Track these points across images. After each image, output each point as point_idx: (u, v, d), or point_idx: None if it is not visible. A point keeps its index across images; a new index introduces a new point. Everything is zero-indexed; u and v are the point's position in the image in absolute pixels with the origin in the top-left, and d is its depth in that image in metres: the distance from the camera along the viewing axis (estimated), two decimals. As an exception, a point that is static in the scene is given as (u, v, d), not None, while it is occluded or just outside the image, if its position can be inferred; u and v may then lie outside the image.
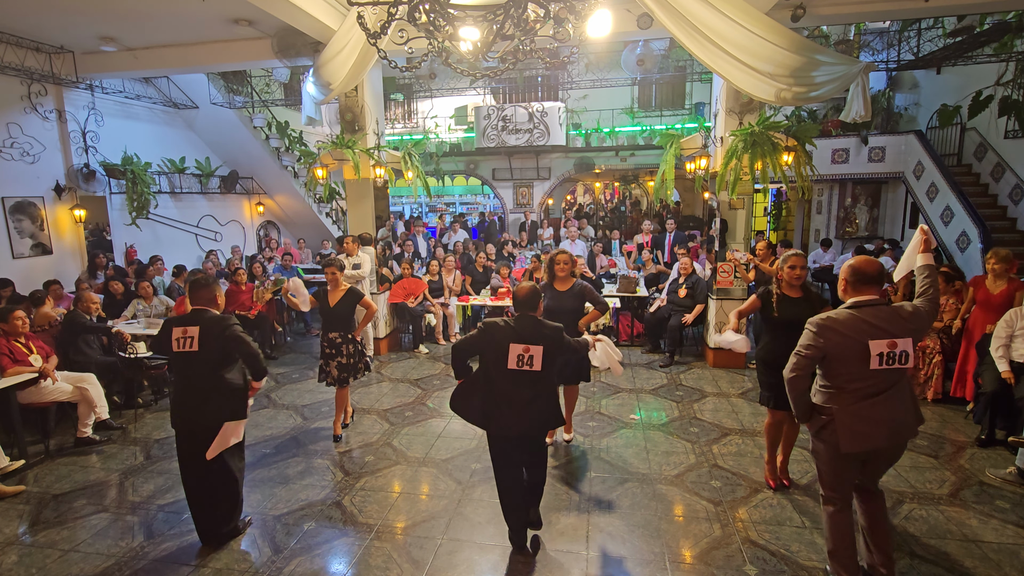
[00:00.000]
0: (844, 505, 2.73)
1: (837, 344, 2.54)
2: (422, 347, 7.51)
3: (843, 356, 2.55)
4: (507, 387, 3.04)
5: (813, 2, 5.76)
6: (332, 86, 6.12)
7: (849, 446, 2.56)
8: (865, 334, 2.51)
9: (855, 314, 2.57)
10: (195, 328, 3.19)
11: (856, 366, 2.54)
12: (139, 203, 8.71)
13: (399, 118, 15.13)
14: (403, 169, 7.33)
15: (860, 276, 2.62)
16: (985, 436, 4.42)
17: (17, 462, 4.34)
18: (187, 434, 3.29)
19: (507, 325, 3.06)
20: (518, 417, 3.03)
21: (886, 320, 2.53)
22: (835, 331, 2.54)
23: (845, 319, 2.56)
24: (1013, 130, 8.48)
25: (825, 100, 9.04)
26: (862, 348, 2.51)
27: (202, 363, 3.22)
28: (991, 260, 4.87)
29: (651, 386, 5.96)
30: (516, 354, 2.97)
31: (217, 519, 3.34)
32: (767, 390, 3.69)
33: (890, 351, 2.49)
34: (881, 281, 2.64)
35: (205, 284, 3.31)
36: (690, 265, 6.87)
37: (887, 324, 2.52)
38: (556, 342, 3.03)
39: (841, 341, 2.53)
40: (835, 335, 2.54)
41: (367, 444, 4.70)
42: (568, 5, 2.76)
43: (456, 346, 3.19)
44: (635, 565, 3.11)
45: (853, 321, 2.54)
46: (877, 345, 2.49)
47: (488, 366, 3.10)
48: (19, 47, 7.12)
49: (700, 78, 12.86)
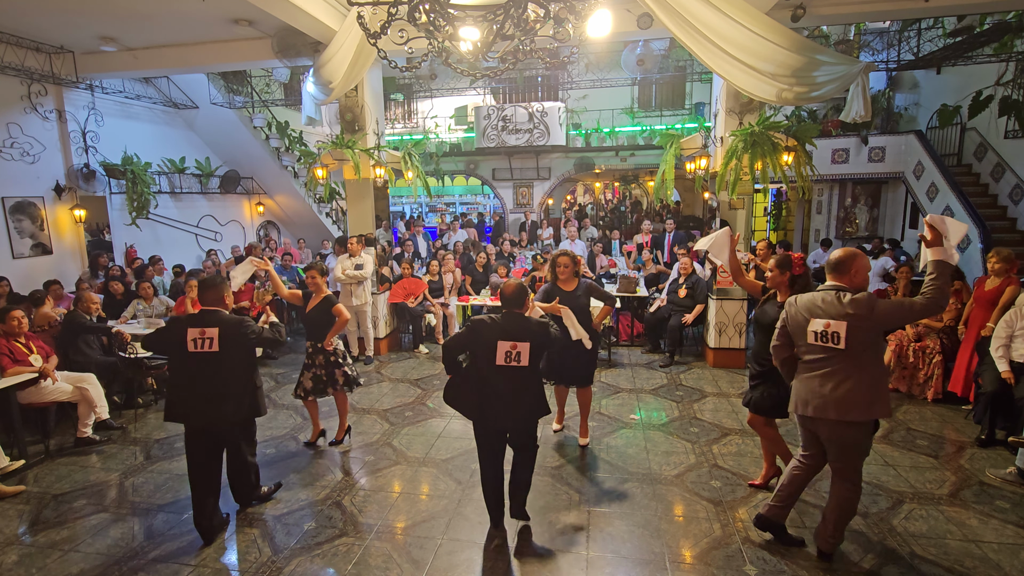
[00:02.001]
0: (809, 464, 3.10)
1: (792, 317, 2.99)
2: (422, 347, 7.51)
3: (794, 330, 2.98)
4: (496, 382, 3.13)
5: (813, 2, 5.75)
6: (332, 85, 6.12)
7: (794, 407, 3.00)
8: (811, 312, 2.88)
9: (812, 294, 2.96)
10: (214, 330, 3.20)
11: (803, 341, 2.93)
12: (139, 203, 8.71)
13: (399, 118, 15.13)
14: (403, 169, 7.33)
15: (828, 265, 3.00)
16: (985, 436, 4.42)
17: (17, 462, 4.34)
18: (198, 431, 3.33)
19: (494, 322, 3.13)
20: (508, 410, 3.15)
21: (829, 304, 2.84)
22: (792, 306, 3.00)
23: (804, 298, 2.98)
24: (1013, 130, 8.48)
25: (825, 100, 9.05)
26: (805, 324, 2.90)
27: (224, 365, 3.26)
28: (992, 259, 4.89)
29: (651, 386, 5.95)
30: (504, 351, 3.07)
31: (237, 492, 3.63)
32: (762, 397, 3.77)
33: (824, 331, 2.81)
34: (846, 271, 2.89)
35: (213, 284, 3.33)
36: (690, 265, 6.87)
37: (828, 307, 2.83)
38: (542, 337, 3.13)
39: (794, 315, 2.97)
40: (792, 309, 3.00)
41: (367, 444, 4.70)
42: (568, 5, 2.76)
43: (446, 344, 3.26)
44: (635, 565, 3.11)
45: (808, 300, 2.94)
46: (815, 323, 2.85)
47: (478, 362, 3.17)
48: (19, 47, 7.12)
49: (700, 78, 12.86)
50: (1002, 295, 4.73)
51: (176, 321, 3.34)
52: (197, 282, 3.31)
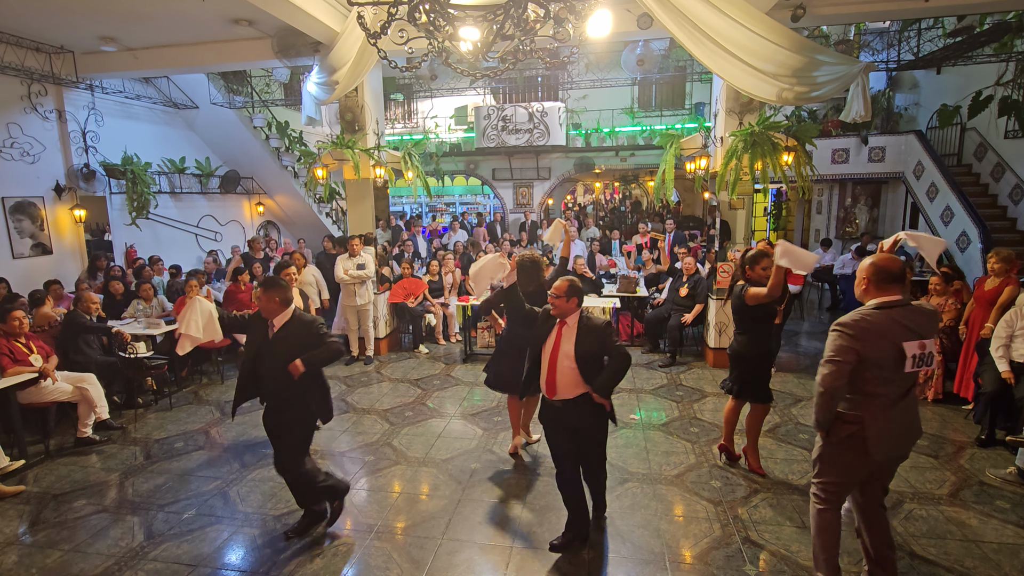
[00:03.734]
0: (837, 506, 2.69)
1: (875, 347, 2.37)
2: (422, 347, 7.51)
3: (879, 360, 2.39)
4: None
5: (813, 2, 5.75)
6: (337, 76, 6.11)
7: (880, 452, 2.46)
8: (900, 336, 2.37)
9: (888, 314, 2.41)
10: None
11: (890, 370, 2.40)
12: (139, 203, 8.70)
13: (399, 118, 15.13)
14: (403, 169, 7.33)
15: (885, 274, 2.45)
16: (985, 436, 4.42)
17: (17, 462, 4.35)
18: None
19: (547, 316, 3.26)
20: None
21: (915, 321, 2.41)
22: (873, 332, 2.38)
23: (881, 320, 2.39)
24: (1013, 130, 8.48)
25: (826, 100, 9.04)
26: (898, 351, 2.37)
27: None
28: (992, 259, 4.90)
29: (651, 386, 5.95)
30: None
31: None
32: (735, 382, 4.01)
33: (921, 352, 2.39)
34: (904, 279, 2.50)
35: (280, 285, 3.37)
36: (693, 265, 6.87)
37: (916, 325, 2.41)
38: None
39: (878, 343, 2.37)
40: (874, 336, 2.37)
41: (367, 444, 4.70)
42: (568, 5, 2.76)
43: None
44: (635, 565, 3.11)
45: (888, 322, 2.39)
46: (911, 347, 2.36)
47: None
48: (19, 47, 7.12)
49: (700, 78, 12.85)
50: (999, 294, 4.74)
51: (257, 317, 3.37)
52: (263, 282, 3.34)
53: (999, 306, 4.68)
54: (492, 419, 5.15)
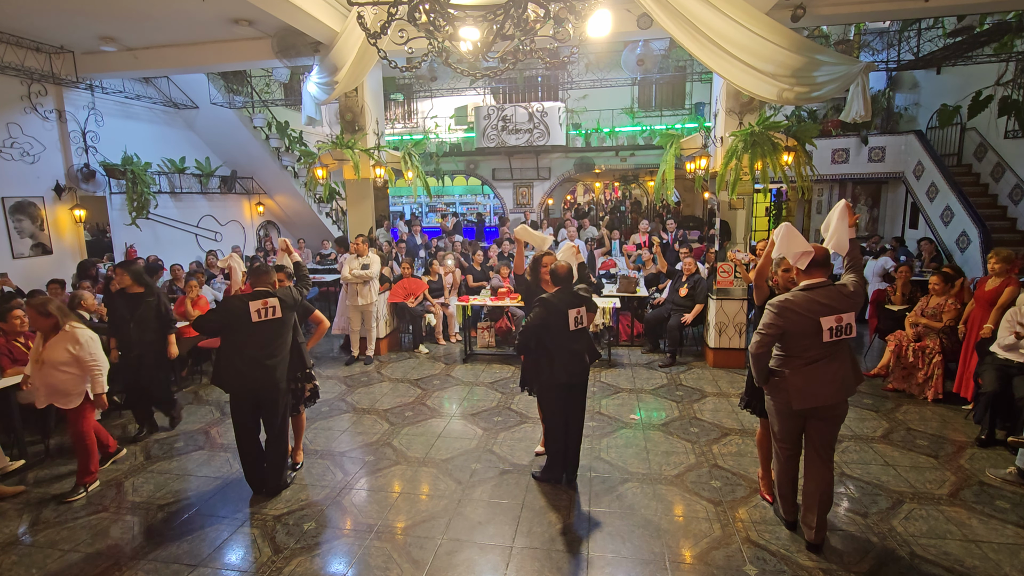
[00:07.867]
0: (793, 453, 3.21)
1: (794, 322, 2.93)
2: (422, 347, 7.51)
3: (799, 332, 2.94)
4: (569, 345, 3.73)
5: (813, 2, 5.76)
6: (337, 76, 6.11)
7: (800, 403, 2.96)
8: (817, 312, 2.90)
9: (808, 295, 2.94)
10: (275, 299, 3.76)
11: (810, 339, 2.93)
12: (139, 203, 8.71)
13: (399, 118, 15.13)
14: (403, 169, 7.33)
15: (812, 262, 3.00)
16: (985, 436, 4.42)
17: (17, 462, 4.35)
18: (249, 395, 3.75)
19: (560, 299, 3.72)
20: (582, 365, 3.78)
21: (833, 299, 2.91)
22: (792, 311, 2.93)
23: (800, 300, 2.94)
24: (1013, 130, 8.49)
25: (826, 100, 9.04)
26: (815, 324, 2.90)
27: (284, 329, 3.85)
28: (992, 259, 4.90)
29: (651, 386, 5.96)
30: (573, 317, 3.72)
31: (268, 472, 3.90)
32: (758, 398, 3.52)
33: (837, 324, 2.89)
34: (828, 264, 3.00)
35: (265, 271, 3.89)
36: (694, 264, 6.88)
37: (834, 302, 2.91)
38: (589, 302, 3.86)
39: (798, 319, 2.92)
40: (792, 314, 2.92)
41: (367, 444, 4.70)
42: (568, 5, 2.76)
43: (527, 327, 3.67)
44: (635, 565, 3.11)
45: (807, 301, 2.92)
46: (827, 320, 2.89)
47: (552, 332, 3.69)
48: (19, 47, 7.12)
49: (700, 78, 12.86)
50: (1000, 294, 4.74)
51: (235, 298, 3.76)
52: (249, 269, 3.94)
53: (999, 306, 4.68)
54: (492, 419, 5.16)
